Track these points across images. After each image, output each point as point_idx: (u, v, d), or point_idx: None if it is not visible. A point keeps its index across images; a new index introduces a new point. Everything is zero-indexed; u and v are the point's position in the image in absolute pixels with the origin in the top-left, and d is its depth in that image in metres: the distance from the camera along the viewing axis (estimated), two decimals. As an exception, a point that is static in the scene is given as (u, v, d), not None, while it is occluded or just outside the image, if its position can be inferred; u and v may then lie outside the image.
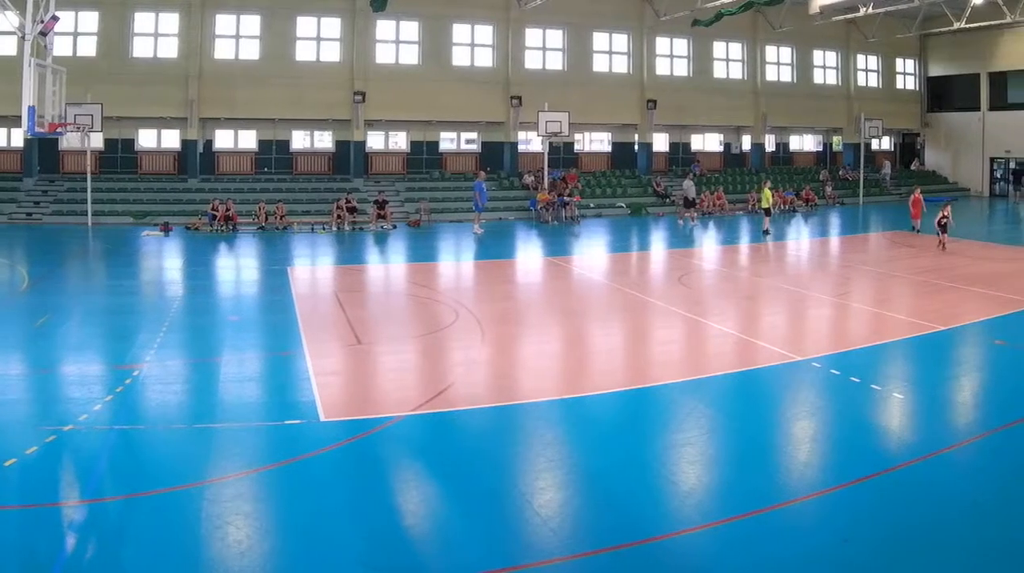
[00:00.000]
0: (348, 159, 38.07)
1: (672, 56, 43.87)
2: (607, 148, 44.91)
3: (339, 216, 32.16)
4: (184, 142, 36.12)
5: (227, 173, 37.28)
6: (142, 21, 34.76)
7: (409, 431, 10.03)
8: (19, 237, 28.13)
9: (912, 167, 51.57)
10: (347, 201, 32.83)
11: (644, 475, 8.73)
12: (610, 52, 42.51)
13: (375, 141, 39.97)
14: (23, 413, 10.42)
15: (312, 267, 24.49)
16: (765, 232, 29.84)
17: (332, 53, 37.41)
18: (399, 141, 40.57)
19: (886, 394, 11.40)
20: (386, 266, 25.56)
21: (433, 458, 9.26)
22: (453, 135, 41.53)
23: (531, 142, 41.55)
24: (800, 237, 31.63)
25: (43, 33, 19.76)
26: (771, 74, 46.47)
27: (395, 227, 32.75)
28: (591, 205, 38.10)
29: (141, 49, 34.80)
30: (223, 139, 37.87)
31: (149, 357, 12.96)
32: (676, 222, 35.14)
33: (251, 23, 36.13)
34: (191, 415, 10.50)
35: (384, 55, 38.22)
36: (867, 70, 49.76)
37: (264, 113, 36.54)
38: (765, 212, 30.71)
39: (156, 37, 34.94)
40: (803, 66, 47.36)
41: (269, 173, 37.88)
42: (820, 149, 51.23)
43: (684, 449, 9.48)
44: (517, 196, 38.45)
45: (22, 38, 19.53)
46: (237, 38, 36.07)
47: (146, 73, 34.25)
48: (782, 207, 39.06)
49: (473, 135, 41.62)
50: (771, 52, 46.28)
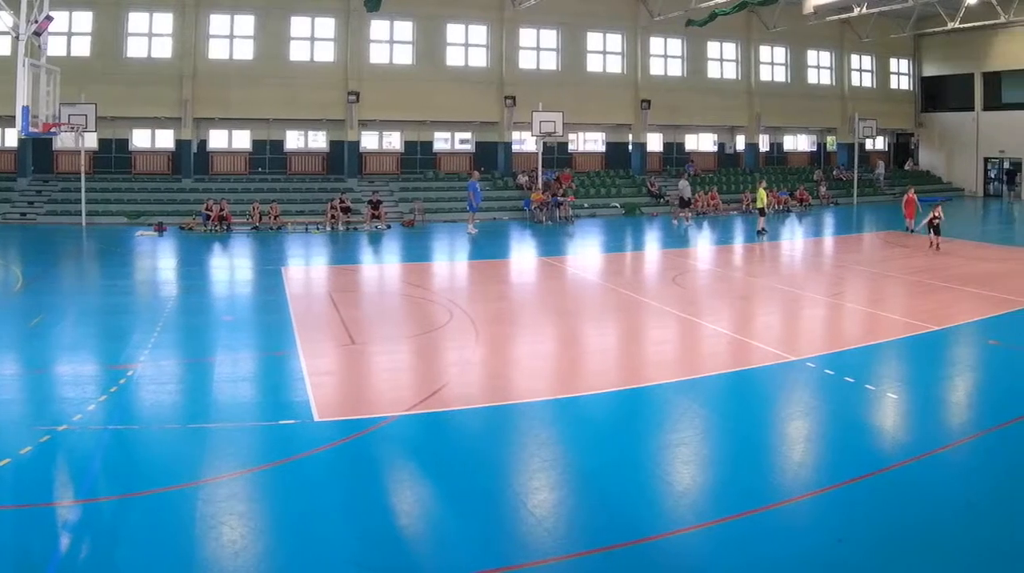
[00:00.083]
0: (342, 159, 38.05)
1: (666, 56, 43.92)
2: (601, 148, 44.95)
3: (333, 216, 32.14)
4: (178, 142, 36.09)
5: (221, 173, 37.26)
6: (136, 21, 34.73)
7: (403, 431, 10.02)
8: (13, 237, 28.06)
9: (906, 167, 51.68)
10: (341, 201, 32.81)
11: (638, 475, 8.73)
12: (604, 52, 42.56)
13: (369, 141, 39.96)
14: (17, 413, 10.40)
15: (306, 267, 24.47)
16: (760, 232, 29.87)
17: (326, 53, 37.40)
18: (393, 141, 40.58)
19: (880, 394, 11.42)
20: (380, 266, 25.55)
21: (427, 458, 9.25)
22: (447, 135, 41.55)
23: (525, 142, 41.54)
24: (794, 237, 31.68)
25: (37, 33, 19.73)
26: (765, 74, 46.57)
27: (389, 227, 32.73)
28: (585, 205, 38.11)
29: (135, 49, 34.77)
30: (217, 139, 37.83)
31: (143, 357, 12.93)
32: (670, 222, 35.20)
33: (245, 23, 36.10)
34: (185, 415, 10.48)
35: (378, 55, 38.23)
36: (861, 70, 49.88)
37: (258, 113, 36.50)
38: (760, 212, 30.74)
39: (150, 37, 34.92)
40: (797, 66, 47.44)
41: (263, 173, 37.85)
42: (814, 149, 51.36)
43: (678, 449, 9.48)
44: (511, 196, 38.46)
45: (16, 38, 19.51)
46: (231, 38, 36.05)
47: (140, 73, 34.22)
48: (776, 207, 39.09)
49: (467, 135, 41.62)
50: (765, 52, 46.37)
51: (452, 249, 28.50)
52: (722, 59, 45.40)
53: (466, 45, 39.77)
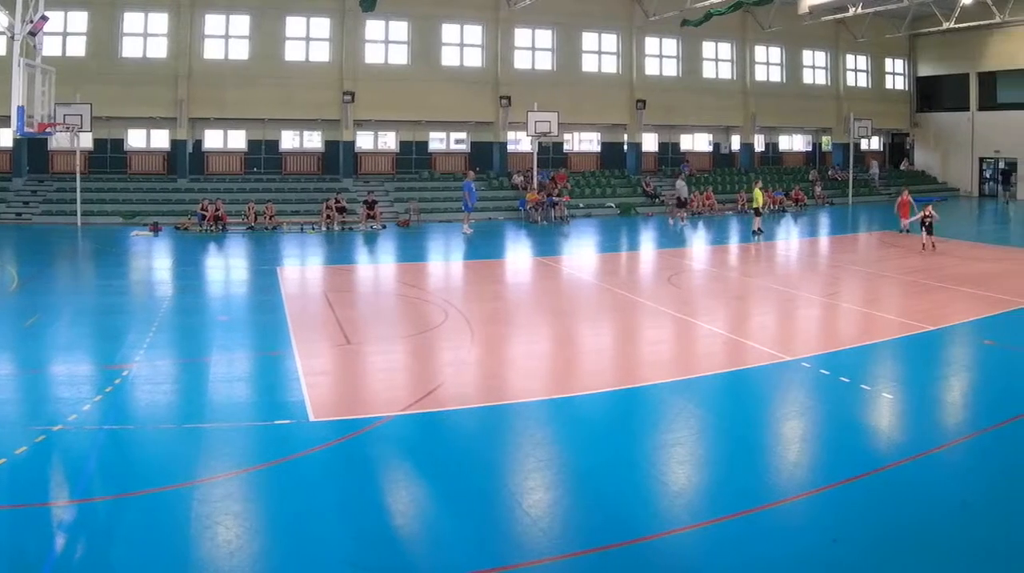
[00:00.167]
0: (337, 159, 38.02)
1: (661, 56, 43.93)
2: (596, 148, 44.97)
3: (328, 216, 32.11)
4: (173, 142, 36.01)
5: (216, 173, 37.22)
6: (131, 21, 34.65)
7: (398, 431, 10.02)
8: (8, 237, 27.99)
9: (902, 167, 51.72)
10: (336, 201, 32.78)
11: (633, 475, 8.74)
12: (599, 52, 42.56)
13: (364, 141, 39.94)
14: (12, 413, 10.38)
15: (301, 267, 24.43)
16: (755, 232, 29.88)
17: (321, 53, 37.35)
18: (388, 141, 40.55)
19: (876, 394, 11.44)
20: (375, 266, 25.53)
21: (422, 458, 9.25)
22: (442, 135, 41.52)
23: (520, 142, 41.59)
24: (790, 237, 31.71)
25: (32, 33, 19.69)
26: (760, 74, 46.61)
27: (384, 227, 32.71)
28: (580, 205, 38.13)
29: (130, 49, 34.68)
30: (212, 139, 37.79)
31: (138, 357, 12.92)
32: (667, 222, 35.22)
33: (240, 23, 36.04)
34: (180, 415, 10.48)
35: (373, 55, 38.19)
36: (856, 70, 49.92)
37: (253, 113, 36.45)
38: (755, 212, 30.71)
39: (145, 37, 34.83)
40: (792, 66, 47.49)
41: (259, 173, 37.80)
42: (809, 149, 51.36)
43: (673, 449, 9.49)
44: (506, 196, 38.45)
45: (11, 38, 19.46)
46: (226, 38, 35.99)
47: (135, 73, 34.15)
48: (771, 207, 39.12)
49: (462, 135, 41.60)
50: (760, 52, 46.41)
51: (447, 249, 28.49)
52: (717, 59, 45.43)
53: (461, 45, 39.74)
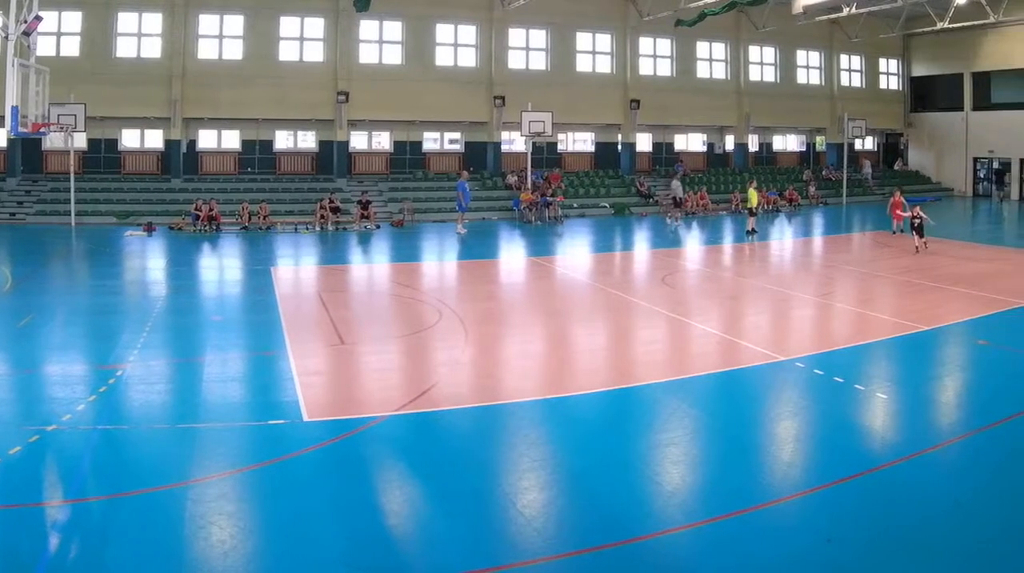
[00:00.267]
0: (331, 159, 37.97)
1: (655, 56, 43.99)
2: (590, 148, 44.95)
3: (322, 216, 32.09)
4: (167, 142, 35.96)
5: (210, 173, 37.16)
6: (125, 21, 34.60)
7: (392, 431, 10.01)
8: (2, 237, 27.90)
9: (896, 167, 51.86)
10: (330, 201, 32.76)
11: (628, 475, 8.74)
12: (593, 52, 42.61)
13: (358, 141, 39.91)
14: (6, 413, 10.35)
15: (295, 267, 24.41)
16: (749, 232, 29.91)
17: (315, 53, 37.34)
18: (382, 141, 40.52)
19: (869, 394, 11.46)
20: (369, 266, 25.53)
21: (416, 458, 9.25)
22: (436, 135, 41.51)
23: (514, 142, 41.51)
24: (784, 237, 31.74)
25: (26, 33, 19.63)
26: (754, 74, 46.69)
27: (378, 227, 32.70)
28: (574, 205, 38.15)
29: (124, 49, 34.64)
30: (206, 139, 37.73)
31: (132, 357, 12.90)
32: (662, 222, 35.25)
33: (234, 23, 36.00)
34: (174, 415, 10.45)
35: (367, 55, 38.17)
36: (850, 70, 50.02)
37: (247, 113, 36.42)
38: (750, 212, 30.75)
39: (139, 37, 34.78)
40: (786, 66, 47.58)
41: (252, 173, 37.75)
42: (803, 149, 51.42)
43: (667, 449, 9.50)
44: (500, 196, 38.45)
45: (5, 38, 19.39)
46: (220, 38, 35.95)
47: (129, 73, 34.12)
48: (765, 207, 39.16)
49: (456, 135, 41.59)
50: (754, 52, 46.48)
51: (441, 249, 28.49)
52: (711, 59, 45.50)
53: (455, 45, 39.75)
